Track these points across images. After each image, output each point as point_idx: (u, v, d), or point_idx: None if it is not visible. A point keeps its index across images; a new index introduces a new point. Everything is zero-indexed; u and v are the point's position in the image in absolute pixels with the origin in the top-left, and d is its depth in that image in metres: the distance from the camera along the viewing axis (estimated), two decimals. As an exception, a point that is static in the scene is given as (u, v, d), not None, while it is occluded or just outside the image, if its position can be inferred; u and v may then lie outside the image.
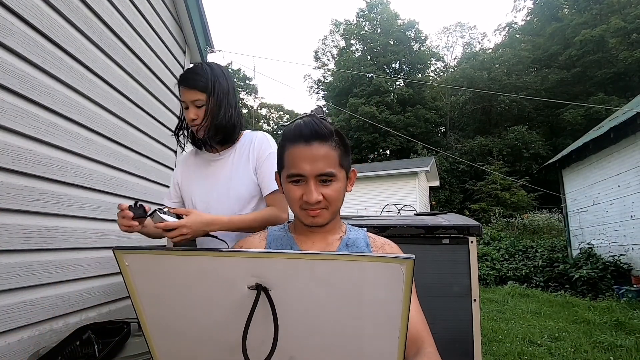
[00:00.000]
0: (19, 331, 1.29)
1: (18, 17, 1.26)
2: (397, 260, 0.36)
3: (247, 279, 0.38)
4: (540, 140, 21.28)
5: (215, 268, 0.39)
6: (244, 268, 0.38)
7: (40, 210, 1.38)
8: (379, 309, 0.38)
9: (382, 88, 27.93)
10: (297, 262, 0.37)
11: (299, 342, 0.40)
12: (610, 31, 20.52)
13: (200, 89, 1.15)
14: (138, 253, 0.39)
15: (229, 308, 0.39)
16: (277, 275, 0.38)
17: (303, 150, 0.76)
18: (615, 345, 3.44)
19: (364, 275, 0.37)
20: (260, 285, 0.38)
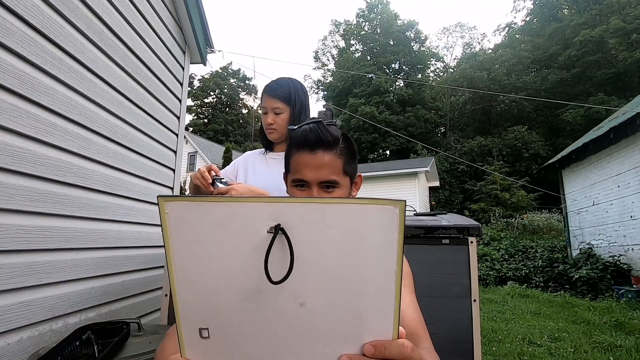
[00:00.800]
0: (18, 331, 1.29)
1: (18, 17, 1.26)
2: (392, 202, 0.41)
3: (267, 222, 0.42)
4: (540, 141, 21.29)
5: (240, 212, 0.42)
6: (265, 212, 0.42)
7: (40, 211, 1.38)
8: (378, 250, 0.42)
9: (382, 88, 27.94)
10: (310, 206, 0.42)
11: (309, 288, 0.44)
12: (609, 31, 20.54)
13: (281, 99, 1.32)
14: (177, 201, 0.43)
15: (248, 252, 0.43)
16: (293, 218, 0.42)
17: (307, 158, 0.78)
18: (615, 346, 3.44)
19: (365, 217, 0.41)
20: (278, 224, 0.42)
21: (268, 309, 0.45)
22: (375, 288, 0.44)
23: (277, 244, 0.42)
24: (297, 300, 0.44)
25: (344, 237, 0.42)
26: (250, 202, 0.43)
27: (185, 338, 0.46)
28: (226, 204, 0.43)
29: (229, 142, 28.47)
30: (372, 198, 0.42)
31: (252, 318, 0.45)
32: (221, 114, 37.87)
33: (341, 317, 0.45)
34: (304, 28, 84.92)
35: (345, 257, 0.43)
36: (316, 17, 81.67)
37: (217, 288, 0.45)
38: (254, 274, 0.43)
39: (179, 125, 2.65)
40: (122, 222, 1.94)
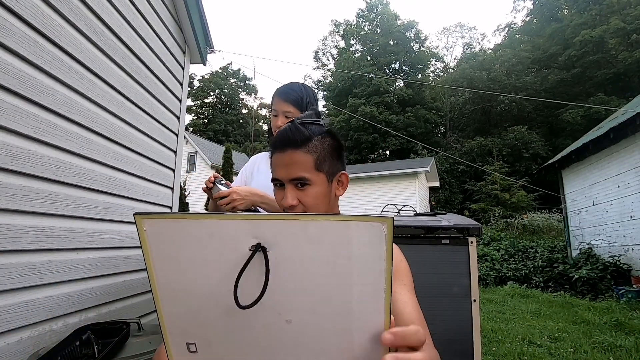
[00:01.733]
0: (18, 331, 1.29)
1: (18, 18, 1.26)
2: (379, 219, 0.40)
3: (248, 240, 0.42)
4: (540, 141, 21.29)
5: (220, 230, 0.42)
6: (245, 230, 0.42)
7: (40, 211, 1.38)
8: (365, 267, 0.41)
9: (382, 88, 27.94)
10: (292, 222, 0.41)
11: (294, 304, 0.43)
12: (609, 32, 20.54)
13: (293, 103, 1.33)
14: (155, 218, 0.43)
15: (230, 268, 0.43)
16: (274, 235, 0.41)
17: (278, 157, 0.81)
18: (615, 346, 3.44)
19: (351, 234, 0.40)
20: (259, 244, 0.41)
21: (254, 324, 0.44)
22: (364, 305, 0.43)
23: (258, 263, 0.42)
24: (283, 317, 0.43)
25: (328, 254, 0.41)
26: (230, 220, 0.42)
27: (173, 352, 0.46)
28: (205, 221, 0.42)
29: (229, 142, 28.47)
30: (357, 215, 0.41)
31: (239, 333, 0.45)
32: (221, 114, 37.87)
33: (330, 333, 0.44)
34: (304, 28, 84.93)
35: (331, 274, 0.42)
36: (316, 17, 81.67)
37: (202, 302, 0.44)
38: (240, 291, 0.42)
39: (179, 125, 2.65)
40: (122, 222, 1.94)
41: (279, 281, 0.42)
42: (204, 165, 18.38)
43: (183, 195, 10.28)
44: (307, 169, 0.80)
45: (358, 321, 0.43)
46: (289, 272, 0.42)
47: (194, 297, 0.44)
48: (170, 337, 0.45)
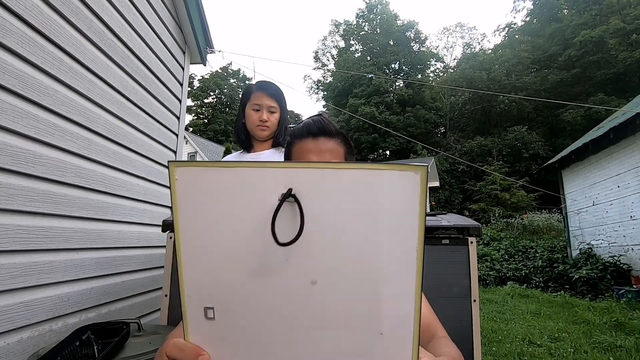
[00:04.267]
0: (18, 332, 1.29)
1: (18, 18, 1.26)
2: (412, 167, 0.37)
3: (278, 189, 0.39)
4: (539, 141, 21.30)
5: (250, 179, 0.39)
6: (276, 178, 0.39)
7: (40, 211, 1.38)
8: (396, 223, 0.38)
9: (382, 88, 27.95)
10: (324, 172, 0.39)
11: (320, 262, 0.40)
12: (609, 32, 20.54)
13: (276, 98, 1.40)
14: (187, 166, 0.40)
15: (258, 222, 0.40)
16: (306, 184, 0.39)
17: (311, 144, 0.80)
18: (615, 346, 3.44)
19: (382, 184, 0.38)
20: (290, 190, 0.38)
21: (277, 286, 0.41)
22: (394, 267, 0.39)
23: (288, 212, 0.39)
24: (308, 277, 0.40)
25: (359, 207, 0.38)
26: (261, 168, 0.40)
27: (189, 318, 0.43)
28: (235, 169, 0.40)
29: (229, 142, 28.44)
30: (390, 163, 0.38)
31: (260, 297, 0.42)
32: (221, 114, 37.88)
33: (357, 297, 0.40)
34: (304, 28, 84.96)
35: (362, 228, 0.39)
36: (316, 17, 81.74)
37: (224, 262, 0.41)
38: (264, 246, 0.40)
39: (179, 126, 2.65)
40: (122, 222, 1.94)
41: (306, 235, 0.39)
42: (204, 165, 18.37)
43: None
44: (340, 157, 0.81)
45: (387, 286, 0.40)
46: (318, 226, 0.39)
47: (217, 255, 0.41)
48: (188, 299, 0.42)
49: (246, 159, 1.49)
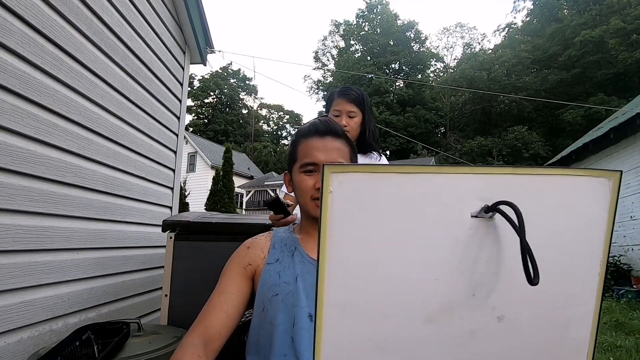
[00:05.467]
0: (18, 331, 1.29)
1: (18, 18, 1.26)
2: (605, 173, 0.32)
3: (471, 203, 0.30)
4: (540, 141, 21.30)
5: (436, 190, 0.30)
6: (469, 188, 0.30)
7: (40, 211, 1.38)
8: (584, 234, 0.33)
9: (382, 88, 27.95)
10: (521, 178, 0.32)
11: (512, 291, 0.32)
12: (609, 32, 20.54)
13: (355, 103, 1.39)
14: (349, 172, 0.30)
15: (443, 248, 0.30)
16: (502, 196, 0.31)
17: (317, 142, 0.81)
18: (615, 346, 3.44)
19: (576, 193, 0.32)
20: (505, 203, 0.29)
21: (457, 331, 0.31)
22: (581, 284, 0.33)
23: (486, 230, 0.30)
24: (496, 312, 0.32)
25: (556, 218, 0.32)
26: (452, 174, 0.30)
27: None
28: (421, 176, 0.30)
29: (229, 142, 28.48)
30: (586, 168, 0.33)
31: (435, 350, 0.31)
32: (221, 114, 37.89)
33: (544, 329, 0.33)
34: (304, 28, 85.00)
35: (558, 243, 0.32)
36: (316, 17, 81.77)
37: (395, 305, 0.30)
38: (451, 280, 0.30)
39: (179, 126, 2.65)
40: (122, 222, 1.94)
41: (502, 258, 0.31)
42: (204, 165, 18.39)
43: (183, 195, 10.29)
44: (345, 157, 0.82)
45: (572, 311, 0.33)
46: (513, 245, 0.30)
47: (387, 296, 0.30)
48: None
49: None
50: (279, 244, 0.83)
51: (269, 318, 0.72)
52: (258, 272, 0.78)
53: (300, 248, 0.80)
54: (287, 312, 0.71)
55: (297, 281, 0.73)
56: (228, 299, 0.75)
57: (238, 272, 0.79)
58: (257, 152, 34.35)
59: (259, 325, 0.74)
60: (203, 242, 1.41)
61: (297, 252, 0.79)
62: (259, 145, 36.00)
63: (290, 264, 0.77)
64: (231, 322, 0.73)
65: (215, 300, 0.75)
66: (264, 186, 20.69)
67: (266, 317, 0.72)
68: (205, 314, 0.73)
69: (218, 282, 0.79)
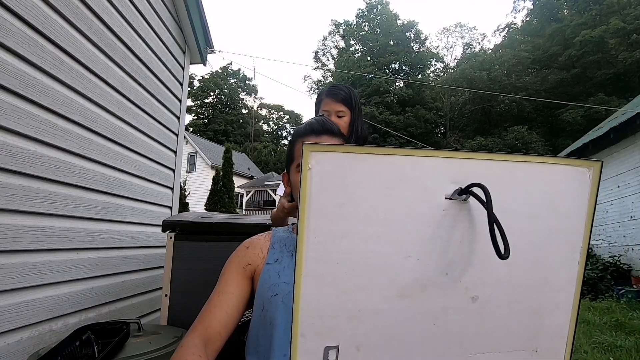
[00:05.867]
0: (18, 331, 1.29)
1: (18, 18, 1.26)
2: (585, 163, 0.32)
3: (444, 185, 0.31)
4: (540, 141, 21.30)
5: (413, 170, 0.32)
6: (443, 170, 0.31)
7: (40, 211, 1.38)
8: (563, 223, 0.33)
9: (382, 88, 27.96)
10: (499, 164, 0.33)
11: (486, 272, 0.33)
12: (609, 32, 20.54)
13: (344, 102, 1.38)
14: (327, 151, 0.31)
15: (417, 228, 0.31)
16: (478, 180, 0.32)
17: (313, 141, 0.81)
18: (615, 346, 3.44)
19: (554, 180, 0.33)
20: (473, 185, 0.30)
21: (429, 307, 0.32)
22: (558, 270, 0.34)
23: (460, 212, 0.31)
24: (469, 292, 0.33)
25: (530, 206, 0.33)
26: (427, 157, 0.31)
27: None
28: (398, 157, 0.31)
29: (229, 142, 28.48)
30: (564, 157, 0.33)
31: (407, 324, 0.32)
32: (221, 114, 37.88)
33: (519, 311, 0.34)
34: (304, 28, 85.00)
35: (532, 229, 0.33)
36: (316, 17, 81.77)
37: (368, 278, 0.31)
38: (424, 258, 0.31)
39: (179, 126, 2.65)
40: (122, 222, 1.94)
41: (476, 239, 0.32)
42: (204, 165, 18.39)
43: (183, 195, 10.29)
44: None
45: (550, 295, 0.34)
46: (485, 227, 0.31)
47: (360, 269, 0.31)
48: (302, 340, 0.31)
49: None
50: (278, 244, 0.83)
51: (269, 318, 0.72)
52: (257, 272, 0.78)
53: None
54: (287, 312, 0.70)
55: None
56: (228, 299, 0.75)
57: (238, 272, 0.79)
58: (257, 152, 34.36)
59: (259, 325, 0.74)
60: (203, 242, 1.41)
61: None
62: (259, 145, 36.00)
63: (289, 263, 0.77)
64: (231, 322, 0.73)
65: (215, 300, 0.74)
66: (264, 186, 20.69)
67: (266, 317, 0.72)
68: (205, 314, 0.72)
69: (218, 282, 0.79)
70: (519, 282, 0.33)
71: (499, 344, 0.34)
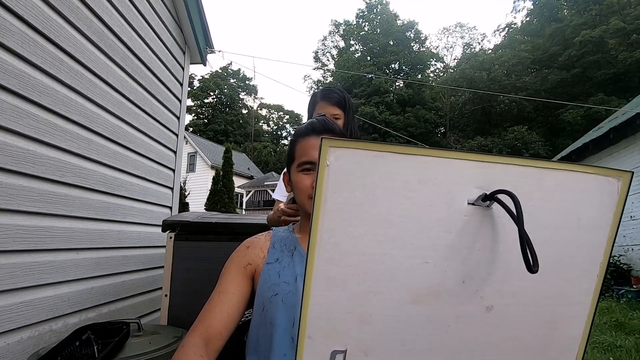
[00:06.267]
0: (18, 331, 1.29)
1: (18, 18, 1.26)
2: (615, 172, 0.31)
3: (469, 190, 0.30)
4: (540, 141, 21.31)
5: (436, 173, 0.30)
6: (468, 174, 0.30)
7: (40, 211, 1.38)
8: (587, 235, 0.32)
9: (382, 88, 27.96)
10: (529, 170, 0.31)
11: (503, 282, 0.32)
12: (609, 32, 20.54)
13: (338, 105, 1.39)
14: (348, 147, 0.30)
15: (436, 233, 0.30)
16: (504, 186, 0.30)
17: (314, 141, 0.80)
18: (615, 346, 3.44)
19: (585, 191, 0.31)
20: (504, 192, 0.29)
21: (444, 315, 0.31)
22: (577, 282, 0.32)
23: (483, 219, 0.30)
24: (485, 301, 0.31)
25: (558, 214, 0.31)
26: (453, 159, 0.30)
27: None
28: (420, 158, 0.30)
29: (229, 142, 28.49)
30: (596, 166, 0.31)
31: (418, 331, 0.31)
32: (221, 114, 37.88)
33: (533, 323, 0.33)
34: (304, 28, 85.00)
35: (556, 240, 0.31)
36: (316, 17, 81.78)
37: (381, 282, 0.30)
38: (441, 265, 0.30)
39: (179, 126, 2.65)
40: (122, 222, 1.94)
41: (497, 248, 0.31)
42: (204, 165, 18.39)
43: (183, 195, 10.29)
44: None
45: (566, 307, 0.33)
46: (510, 236, 0.30)
47: (373, 272, 0.30)
48: (309, 342, 0.30)
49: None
50: (279, 244, 0.83)
51: (269, 318, 0.72)
52: (258, 272, 0.78)
53: (300, 248, 0.80)
54: (287, 312, 0.70)
55: (297, 281, 0.73)
56: (228, 299, 0.74)
57: (238, 272, 0.79)
58: (257, 152, 34.36)
59: (259, 325, 0.74)
60: (203, 242, 1.41)
61: (297, 252, 0.79)
62: (259, 145, 36.01)
63: (290, 263, 0.77)
64: (232, 322, 0.73)
65: (216, 300, 0.74)
66: (264, 186, 20.69)
67: (266, 316, 0.72)
68: (206, 314, 0.72)
69: (218, 281, 0.79)
70: (536, 293, 0.32)
71: (511, 355, 0.33)
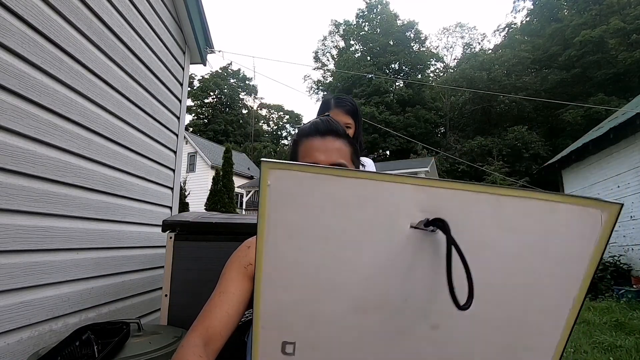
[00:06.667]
0: (18, 332, 1.29)
1: (18, 18, 1.26)
2: (597, 203, 0.29)
3: (413, 213, 0.30)
4: (540, 141, 21.31)
5: (377, 196, 0.31)
6: (414, 199, 0.30)
7: (40, 211, 1.38)
8: (560, 268, 0.31)
9: (382, 88, 27.96)
10: (480, 196, 0.30)
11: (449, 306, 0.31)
12: (609, 32, 20.54)
13: (351, 114, 1.40)
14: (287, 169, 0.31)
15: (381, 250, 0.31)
16: (452, 212, 0.30)
17: (318, 142, 0.80)
18: (615, 346, 3.44)
19: (555, 221, 0.30)
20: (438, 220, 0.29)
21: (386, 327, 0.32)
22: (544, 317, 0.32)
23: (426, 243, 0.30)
24: (429, 320, 0.32)
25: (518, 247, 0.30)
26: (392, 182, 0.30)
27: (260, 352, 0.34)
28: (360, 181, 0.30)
29: (229, 142, 28.49)
30: (569, 195, 0.30)
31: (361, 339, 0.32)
32: (221, 114, 37.89)
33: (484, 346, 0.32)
34: (304, 28, 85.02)
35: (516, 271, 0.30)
36: (316, 17, 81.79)
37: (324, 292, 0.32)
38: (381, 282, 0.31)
39: (179, 126, 2.65)
40: (122, 222, 1.94)
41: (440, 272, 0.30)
42: (204, 165, 18.39)
43: (183, 195, 10.28)
44: (346, 157, 0.81)
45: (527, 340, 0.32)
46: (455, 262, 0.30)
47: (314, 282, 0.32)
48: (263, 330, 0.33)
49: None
50: None
51: None
52: None
53: None
54: None
55: None
56: (229, 299, 0.74)
57: (238, 272, 0.78)
58: (257, 152, 34.36)
59: (259, 325, 0.74)
60: (203, 242, 1.41)
61: None
62: (259, 145, 36.00)
63: None
64: (232, 322, 0.73)
65: (216, 300, 0.74)
66: (264, 186, 20.64)
67: None
68: (206, 314, 0.72)
69: (218, 282, 0.79)
70: (490, 319, 0.32)
71: None
